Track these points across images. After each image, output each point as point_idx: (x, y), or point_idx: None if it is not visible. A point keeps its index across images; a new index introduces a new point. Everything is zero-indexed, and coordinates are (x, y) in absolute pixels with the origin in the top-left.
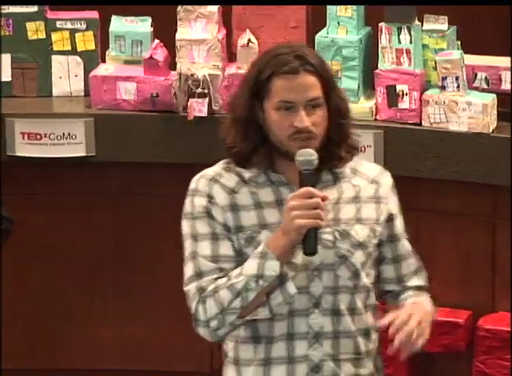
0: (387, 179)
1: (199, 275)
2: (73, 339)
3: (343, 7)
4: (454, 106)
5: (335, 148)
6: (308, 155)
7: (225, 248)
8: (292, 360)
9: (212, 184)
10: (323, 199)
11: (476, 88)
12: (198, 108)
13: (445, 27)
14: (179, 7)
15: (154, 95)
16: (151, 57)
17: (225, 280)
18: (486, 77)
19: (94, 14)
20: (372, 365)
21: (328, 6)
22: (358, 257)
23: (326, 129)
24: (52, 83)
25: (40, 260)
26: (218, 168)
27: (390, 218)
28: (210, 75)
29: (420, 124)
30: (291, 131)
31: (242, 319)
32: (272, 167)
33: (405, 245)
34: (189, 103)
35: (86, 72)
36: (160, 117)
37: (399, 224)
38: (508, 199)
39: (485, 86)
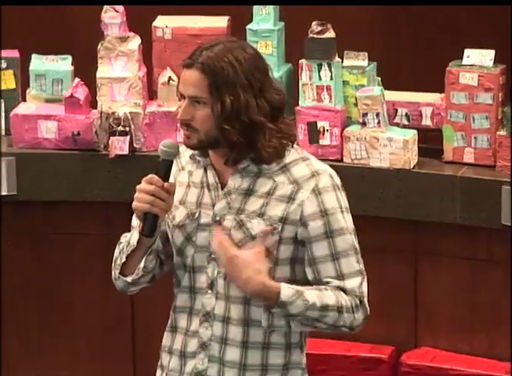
0: (311, 184)
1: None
2: None
3: (263, 44)
4: (375, 143)
5: (228, 149)
6: (167, 146)
7: None
8: (187, 333)
9: (176, 160)
10: (167, 189)
11: (397, 124)
12: (119, 146)
13: (365, 63)
14: (99, 45)
15: (75, 133)
16: (72, 95)
17: None
18: (407, 113)
19: (14, 53)
20: (261, 357)
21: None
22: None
23: (212, 128)
24: None
25: None
26: None
27: (304, 223)
28: (131, 113)
29: (342, 161)
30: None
31: (125, 276)
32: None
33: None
34: (110, 141)
35: (6, 111)
36: (82, 156)
37: (321, 226)
38: (429, 234)
39: (406, 122)
